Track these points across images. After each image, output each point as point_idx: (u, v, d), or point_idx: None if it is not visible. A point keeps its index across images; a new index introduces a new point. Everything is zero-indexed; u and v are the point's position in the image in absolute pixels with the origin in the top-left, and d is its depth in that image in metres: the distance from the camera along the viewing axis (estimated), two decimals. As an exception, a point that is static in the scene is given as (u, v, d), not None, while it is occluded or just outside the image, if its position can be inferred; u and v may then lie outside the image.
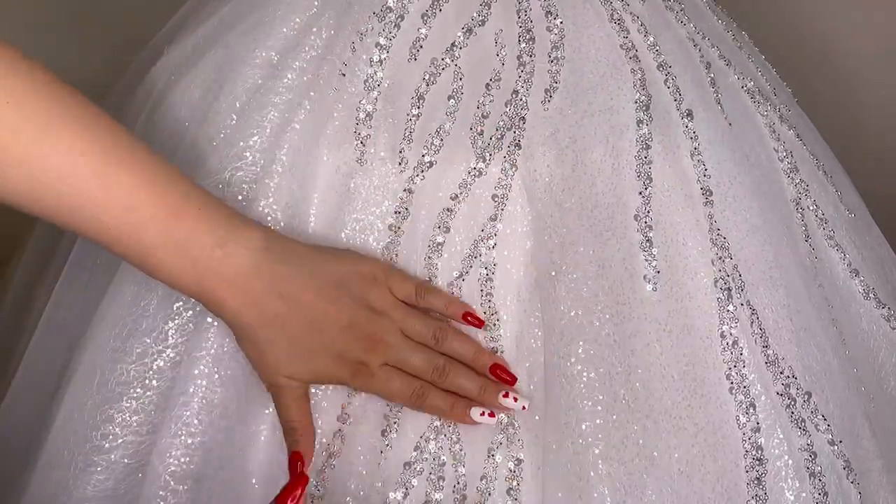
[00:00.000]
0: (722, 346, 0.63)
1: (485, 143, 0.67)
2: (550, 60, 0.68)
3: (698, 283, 0.63)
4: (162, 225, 0.54)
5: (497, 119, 0.67)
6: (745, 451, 0.61)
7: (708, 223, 0.65)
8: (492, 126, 0.67)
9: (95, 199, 0.53)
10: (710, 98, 0.72)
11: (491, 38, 0.70)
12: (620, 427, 0.60)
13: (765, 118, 0.76)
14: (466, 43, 0.69)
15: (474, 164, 0.66)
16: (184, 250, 0.55)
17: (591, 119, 0.66)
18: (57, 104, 0.52)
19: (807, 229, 0.73)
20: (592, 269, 0.63)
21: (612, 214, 0.64)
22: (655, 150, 0.66)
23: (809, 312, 0.68)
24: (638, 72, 0.69)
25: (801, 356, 0.65)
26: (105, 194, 0.53)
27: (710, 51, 0.76)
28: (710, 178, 0.67)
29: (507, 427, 0.63)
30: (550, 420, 0.62)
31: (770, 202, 0.70)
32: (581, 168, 0.65)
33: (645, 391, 0.61)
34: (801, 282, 0.68)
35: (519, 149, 0.67)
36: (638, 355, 0.61)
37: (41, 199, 0.53)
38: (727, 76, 0.76)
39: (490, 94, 0.68)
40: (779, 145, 0.75)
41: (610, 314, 0.62)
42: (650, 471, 0.59)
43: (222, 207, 0.58)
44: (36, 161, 0.51)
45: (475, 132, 0.67)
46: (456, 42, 0.69)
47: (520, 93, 0.68)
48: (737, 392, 0.62)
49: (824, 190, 0.77)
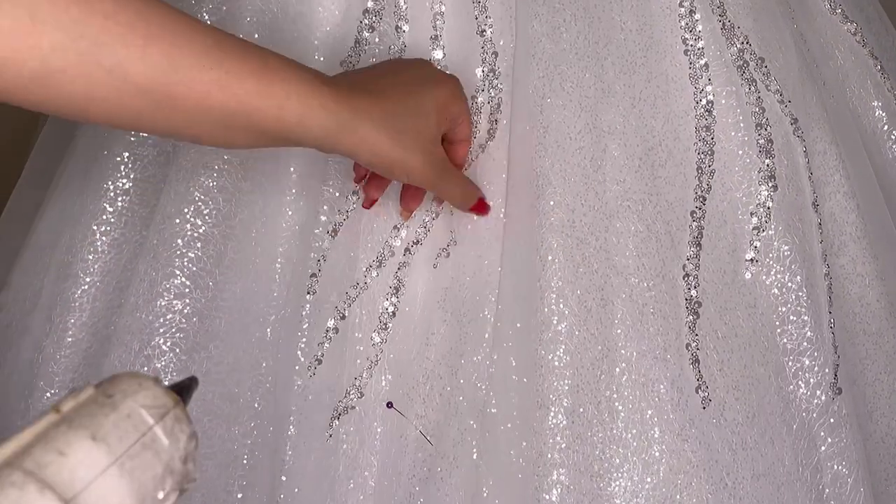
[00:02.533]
0: (679, 13, 0.69)
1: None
2: None
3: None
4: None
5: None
6: (695, 102, 0.69)
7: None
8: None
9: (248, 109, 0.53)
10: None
11: None
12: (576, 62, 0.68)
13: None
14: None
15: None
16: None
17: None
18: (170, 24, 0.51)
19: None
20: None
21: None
22: None
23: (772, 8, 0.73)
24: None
25: (757, 29, 0.71)
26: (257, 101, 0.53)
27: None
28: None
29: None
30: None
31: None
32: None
33: (605, 38, 0.68)
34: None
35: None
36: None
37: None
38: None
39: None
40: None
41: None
42: (607, 99, 0.67)
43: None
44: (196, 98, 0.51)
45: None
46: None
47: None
48: (691, 53, 0.69)
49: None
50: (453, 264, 0.66)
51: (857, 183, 0.74)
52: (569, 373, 0.63)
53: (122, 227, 0.74)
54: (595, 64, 0.67)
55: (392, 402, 0.65)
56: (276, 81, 0.53)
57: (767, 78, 0.70)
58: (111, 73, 0.48)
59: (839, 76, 0.80)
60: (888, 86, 0.80)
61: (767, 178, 0.68)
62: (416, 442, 0.64)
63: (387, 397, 0.65)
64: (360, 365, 0.66)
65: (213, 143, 0.55)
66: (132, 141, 0.75)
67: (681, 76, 0.69)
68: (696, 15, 0.70)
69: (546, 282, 0.63)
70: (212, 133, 0.53)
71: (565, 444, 0.62)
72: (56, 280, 0.74)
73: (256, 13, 0.71)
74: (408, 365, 0.66)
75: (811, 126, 0.72)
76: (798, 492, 0.65)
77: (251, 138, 0.54)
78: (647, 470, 0.62)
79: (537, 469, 0.61)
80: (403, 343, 0.66)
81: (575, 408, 0.62)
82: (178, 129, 0.52)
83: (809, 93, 0.74)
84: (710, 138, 0.68)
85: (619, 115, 0.67)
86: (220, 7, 0.72)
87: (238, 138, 0.54)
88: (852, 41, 0.80)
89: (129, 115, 0.50)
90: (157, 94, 0.49)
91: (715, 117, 0.69)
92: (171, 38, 0.49)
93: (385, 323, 0.66)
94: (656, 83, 0.68)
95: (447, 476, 0.62)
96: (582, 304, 0.64)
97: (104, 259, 0.74)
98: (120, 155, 0.74)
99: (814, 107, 0.73)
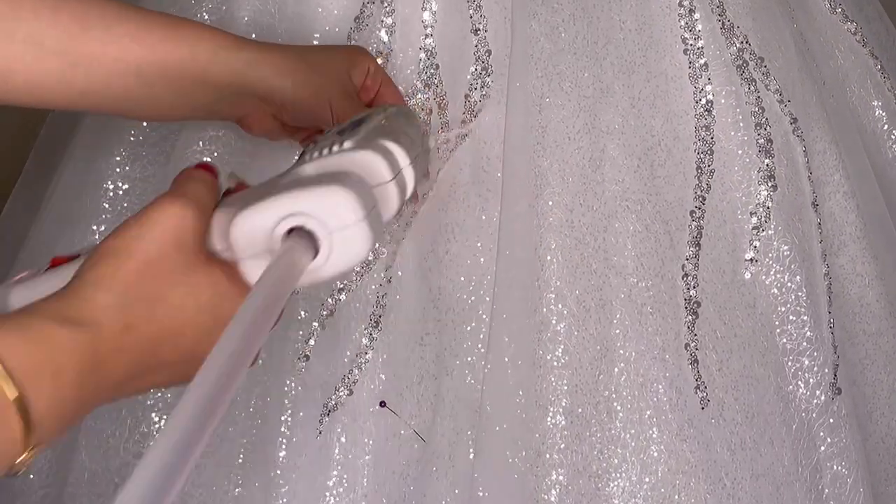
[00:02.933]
0: (679, 12, 0.69)
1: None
2: None
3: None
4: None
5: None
6: (695, 102, 0.69)
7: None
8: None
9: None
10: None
11: None
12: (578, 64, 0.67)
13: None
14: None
15: None
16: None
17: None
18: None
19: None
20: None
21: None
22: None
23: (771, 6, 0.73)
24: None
25: (757, 28, 0.71)
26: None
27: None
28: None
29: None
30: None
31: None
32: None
33: (604, 37, 0.68)
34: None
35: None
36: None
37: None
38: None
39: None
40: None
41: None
42: (605, 99, 0.67)
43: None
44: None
45: None
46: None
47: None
48: (691, 52, 0.69)
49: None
50: (448, 263, 0.66)
51: (857, 183, 0.74)
52: (567, 373, 0.62)
53: (122, 227, 0.74)
54: (594, 63, 0.67)
55: (385, 402, 0.64)
56: (185, 26, 0.56)
57: (767, 77, 0.70)
58: (25, 42, 0.50)
59: (839, 76, 0.80)
60: (888, 85, 0.80)
61: (767, 177, 0.68)
62: (409, 441, 0.64)
63: (380, 397, 0.65)
64: (349, 362, 0.66)
65: (137, 109, 0.57)
66: (132, 141, 0.75)
67: (680, 76, 0.69)
68: (696, 14, 0.69)
69: (545, 282, 0.63)
70: (132, 91, 0.54)
71: (564, 444, 0.62)
72: None
73: (254, 13, 0.71)
74: (402, 364, 0.66)
75: (811, 126, 0.72)
76: (797, 492, 0.65)
77: (172, 92, 0.56)
78: (645, 470, 0.62)
79: (536, 469, 0.61)
80: (397, 342, 0.66)
81: (573, 408, 0.62)
82: (102, 92, 0.54)
83: (809, 92, 0.73)
84: (710, 138, 0.68)
85: (618, 115, 0.67)
86: (219, 7, 0.72)
87: (160, 93, 0.55)
88: (852, 41, 0.80)
89: (50, 80, 0.52)
90: (72, 54, 0.52)
91: (714, 117, 0.68)
92: (80, 3, 0.52)
93: (376, 321, 0.66)
94: (656, 83, 0.68)
95: (442, 476, 0.62)
96: (581, 305, 0.63)
97: None
98: (119, 155, 0.74)
99: (813, 106, 0.73)
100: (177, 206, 0.44)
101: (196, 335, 0.44)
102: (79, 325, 0.39)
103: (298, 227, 0.42)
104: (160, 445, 0.30)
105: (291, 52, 0.61)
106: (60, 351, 0.38)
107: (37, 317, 0.38)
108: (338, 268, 0.43)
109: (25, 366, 0.36)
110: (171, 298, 0.43)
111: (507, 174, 0.65)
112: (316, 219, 0.42)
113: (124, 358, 0.41)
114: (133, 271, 0.42)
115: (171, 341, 0.43)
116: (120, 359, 0.40)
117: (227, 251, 0.45)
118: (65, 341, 0.38)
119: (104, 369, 0.40)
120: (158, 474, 0.29)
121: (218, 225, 0.45)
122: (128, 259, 0.42)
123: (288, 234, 0.42)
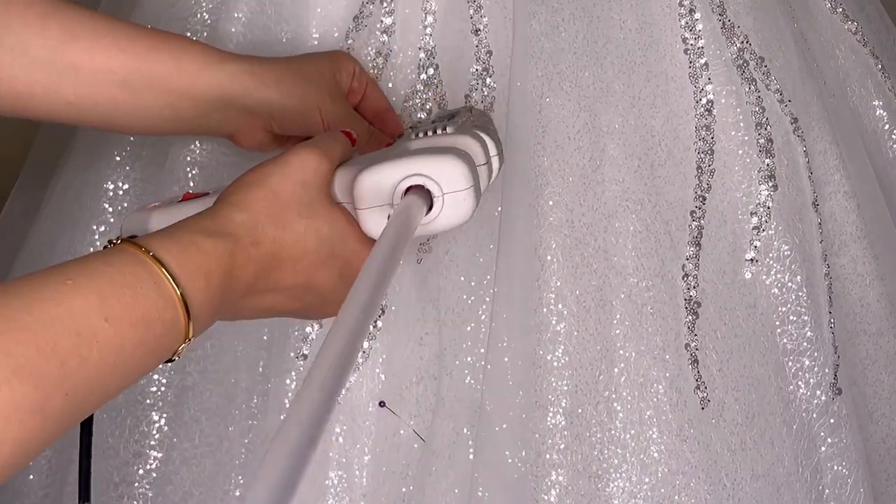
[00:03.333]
0: (679, 12, 0.69)
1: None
2: None
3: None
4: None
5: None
6: (695, 101, 0.68)
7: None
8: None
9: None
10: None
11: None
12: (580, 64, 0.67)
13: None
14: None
15: None
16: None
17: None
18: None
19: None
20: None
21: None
22: None
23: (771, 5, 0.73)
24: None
25: (758, 28, 0.71)
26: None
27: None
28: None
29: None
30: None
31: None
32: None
33: (604, 37, 0.67)
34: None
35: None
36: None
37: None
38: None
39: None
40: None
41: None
42: (605, 99, 0.66)
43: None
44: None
45: None
46: None
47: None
48: (691, 52, 0.69)
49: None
50: (448, 263, 0.66)
51: (858, 182, 0.73)
52: (567, 373, 0.62)
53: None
54: (594, 63, 0.67)
55: (385, 402, 0.64)
56: (171, 39, 0.57)
57: (767, 77, 0.70)
58: (12, 50, 0.51)
59: (840, 75, 0.79)
60: (889, 85, 0.79)
61: (767, 177, 0.68)
62: (408, 441, 0.64)
63: (380, 396, 0.65)
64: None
65: (124, 121, 0.57)
66: (132, 141, 0.75)
67: (680, 75, 0.69)
68: (696, 14, 0.69)
69: (545, 282, 0.63)
70: (119, 101, 0.55)
71: (564, 444, 0.62)
72: None
73: (252, 14, 0.71)
74: (401, 364, 0.65)
75: (811, 125, 0.72)
76: (798, 492, 0.65)
77: (159, 104, 0.57)
78: (645, 471, 0.62)
79: (535, 470, 0.61)
80: (397, 342, 0.66)
81: (573, 408, 0.62)
82: (88, 102, 0.55)
83: (810, 92, 0.73)
84: (710, 138, 0.68)
85: (619, 115, 0.67)
86: (217, 7, 0.72)
87: (147, 105, 0.56)
88: (853, 40, 0.80)
89: (37, 90, 0.53)
90: (59, 63, 0.53)
91: (715, 116, 0.68)
92: (69, 14, 0.53)
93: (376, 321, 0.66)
94: (656, 82, 0.68)
95: (442, 476, 0.62)
96: (581, 305, 0.63)
97: None
98: (119, 155, 0.75)
99: (814, 106, 0.73)
100: (308, 152, 0.51)
101: (314, 263, 0.51)
102: (221, 237, 0.46)
103: (417, 186, 0.50)
104: (310, 384, 0.35)
105: (276, 63, 0.62)
106: (208, 257, 0.45)
107: (188, 231, 0.46)
108: (444, 225, 0.51)
109: (184, 269, 0.43)
110: (296, 226, 0.50)
111: (508, 174, 0.65)
112: (434, 181, 0.50)
113: (252, 267, 0.48)
114: (263, 199, 0.49)
115: (291, 263, 0.50)
116: (250, 267, 0.47)
117: (347, 203, 0.53)
118: (211, 249, 0.45)
119: (237, 274, 0.47)
120: (310, 409, 0.34)
121: (340, 180, 0.53)
122: (260, 188, 0.49)
123: (406, 193, 0.50)
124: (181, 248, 0.44)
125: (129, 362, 0.40)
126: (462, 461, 0.62)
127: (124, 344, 0.39)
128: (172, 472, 0.67)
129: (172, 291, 0.42)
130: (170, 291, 0.42)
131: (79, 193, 0.75)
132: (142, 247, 0.43)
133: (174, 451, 0.67)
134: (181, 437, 0.68)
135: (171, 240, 0.44)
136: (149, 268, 0.42)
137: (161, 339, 0.42)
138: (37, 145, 0.87)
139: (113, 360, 0.39)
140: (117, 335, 0.39)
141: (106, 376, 0.39)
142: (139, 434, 0.68)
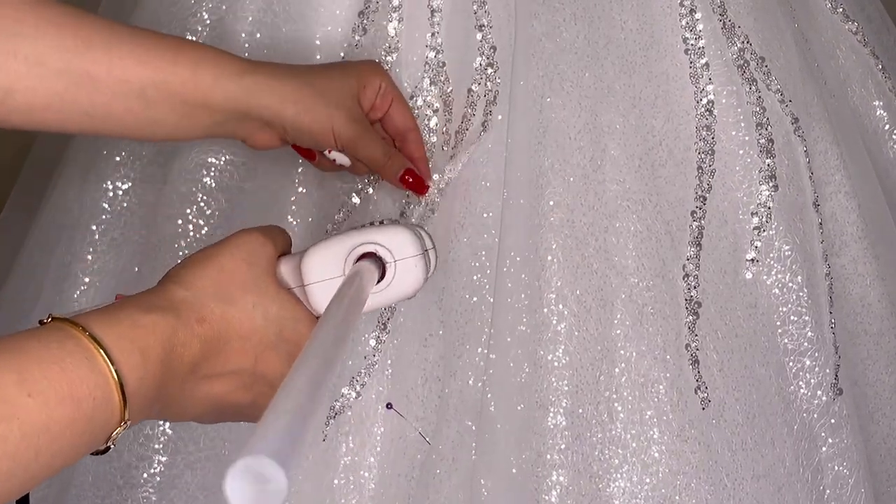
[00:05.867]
0: (680, 12, 0.69)
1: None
2: None
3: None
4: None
5: None
6: (696, 102, 0.68)
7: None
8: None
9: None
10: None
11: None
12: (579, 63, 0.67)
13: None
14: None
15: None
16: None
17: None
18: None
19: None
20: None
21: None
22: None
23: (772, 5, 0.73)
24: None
25: (758, 28, 0.71)
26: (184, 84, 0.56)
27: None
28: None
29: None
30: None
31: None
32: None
33: (605, 37, 0.67)
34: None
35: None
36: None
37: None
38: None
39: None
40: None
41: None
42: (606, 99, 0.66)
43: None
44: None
45: None
46: None
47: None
48: (692, 52, 0.69)
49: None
50: (450, 263, 0.65)
51: (859, 183, 0.73)
52: (568, 373, 0.62)
53: (122, 227, 0.74)
54: (595, 63, 0.67)
55: (392, 404, 0.64)
56: (187, 49, 0.56)
57: (768, 77, 0.70)
58: (27, 61, 0.50)
59: (840, 75, 0.79)
60: (889, 85, 0.80)
61: (768, 177, 0.68)
62: (415, 443, 0.64)
63: (387, 399, 0.65)
64: (357, 365, 0.66)
65: (140, 131, 0.56)
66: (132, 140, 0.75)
67: (681, 75, 0.69)
68: (697, 14, 0.69)
69: (545, 282, 0.63)
70: (135, 112, 0.55)
71: (564, 444, 0.61)
72: (56, 280, 0.74)
73: (258, 12, 0.71)
74: (407, 366, 0.65)
75: (812, 126, 0.72)
76: (799, 493, 0.65)
77: (175, 115, 0.56)
78: (646, 471, 0.62)
79: (536, 470, 0.61)
80: (403, 344, 0.66)
81: (574, 408, 0.62)
82: (104, 112, 0.54)
83: (810, 92, 0.73)
84: (711, 138, 0.68)
85: (619, 115, 0.67)
86: (219, 6, 0.72)
87: (163, 115, 0.56)
88: (853, 40, 0.80)
89: (53, 101, 0.52)
90: (75, 73, 0.52)
91: (715, 117, 0.68)
92: (85, 24, 0.52)
93: (384, 323, 0.66)
94: (656, 83, 0.68)
95: (446, 478, 0.62)
96: (581, 305, 0.63)
97: (104, 259, 0.74)
98: (119, 154, 0.74)
99: (815, 106, 0.73)
100: (250, 234, 0.51)
101: (262, 343, 0.49)
102: (160, 312, 0.44)
103: (369, 254, 0.52)
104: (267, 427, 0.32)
105: (297, 77, 0.60)
106: (145, 331, 0.43)
107: (125, 306, 0.44)
108: (396, 293, 0.53)
109: (118, 343, 0.41)
110: (243, 302, 0.49)
111: (509, 174, 0.65)
112: (385, 247, 0.52)
113: (197, 345, 0.46)
114: (209, 276, 0.48)
115: (239, 342, 0.48)
116: (194, 345, 0.46)
117: (296, 287, 0.52)
118: (149, 323, 0.43)
119: (180, 352, 0.45)
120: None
121: (286, 265, 0.53)
122: (205, 267, 0.48)
123: (356, 262, 0.51)
124: (115, 321, 0.42)
125: (56, 444, 0.37)
126: (465, 463, 0.62)
127: (50, 423, 0.37)
128: (177, 475, 0.67)
129: (105, 366, 0.40)
130: (102, 367, 0.40)
131: (79, 193, 0.75)
132: (73, 321, 0.41)
133: (179, 455, 0.67)
134: (186, 440, 0.67)
135: (105, 314, 0.42)
136: (80, 342, 0.40)
137: (92, 420, 0.39)
138: (37, 145, 0.87)
139: (37, 440, 0.36)
140: (42, 412, 0.36)
141: (30, 459, 0.36)
142: (144, 437, 0.68)
